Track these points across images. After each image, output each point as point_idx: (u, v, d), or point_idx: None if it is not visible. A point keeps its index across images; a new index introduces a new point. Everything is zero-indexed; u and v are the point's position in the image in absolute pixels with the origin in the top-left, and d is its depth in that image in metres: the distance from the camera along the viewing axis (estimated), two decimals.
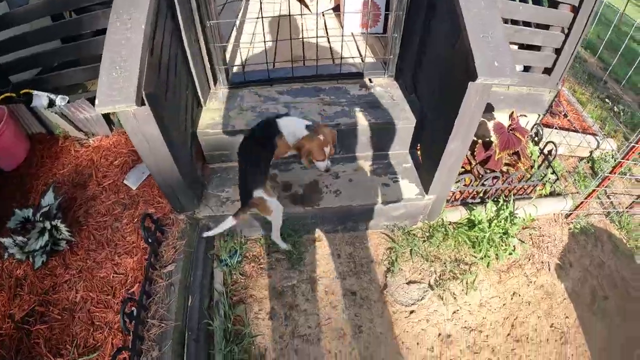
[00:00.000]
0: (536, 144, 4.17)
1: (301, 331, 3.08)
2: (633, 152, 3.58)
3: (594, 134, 4.84)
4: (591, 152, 4.68)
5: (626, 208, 4.50)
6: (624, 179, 4.90)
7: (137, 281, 2.93)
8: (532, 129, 4.26)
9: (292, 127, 2.70)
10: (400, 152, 3.66)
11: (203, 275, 3.15)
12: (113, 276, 2.96)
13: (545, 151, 3.96)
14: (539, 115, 4.26)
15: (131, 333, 2.54)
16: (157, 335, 2.68)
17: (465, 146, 2.89)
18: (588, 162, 4.72)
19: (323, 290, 3.28)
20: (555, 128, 4.50)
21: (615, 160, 3.62)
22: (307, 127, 2.69)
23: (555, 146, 3.89)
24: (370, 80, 3.86)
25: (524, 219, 3.62)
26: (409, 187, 3.39)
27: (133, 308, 2.68)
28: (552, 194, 4.03)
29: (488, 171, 3.60)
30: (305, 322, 3.13)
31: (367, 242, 3.51)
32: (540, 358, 3.38)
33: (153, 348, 2.62)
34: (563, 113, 4.80)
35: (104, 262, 3.04)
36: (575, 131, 4.73)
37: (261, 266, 3.37)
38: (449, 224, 3.64)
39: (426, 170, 3.29)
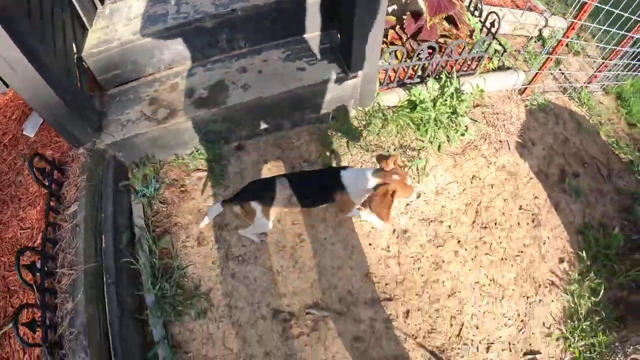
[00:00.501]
0: (480, 20, 3.68)
1: (235, 252, 2.61)
2: (586, 10, 3.14)
3: (540, 13, 4.39)
4: (540, 30, 4.23)
5: (584, 83, 4.09)
6: (574, 55, 4.51)
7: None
8: (470, 3, 3.77)
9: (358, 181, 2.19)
10: (314, 33, 3.13)
11: (115, 210, 2.64)
12: (20, 233, 2.54)
13: (488, 24, 3.47)
14: None
15: (35, 288, 2.13)
16: (69, 285, 2.25)
17: (380, 10, 2.43)
18: (538, 41, 4.28)
19: None
20: (497, 6, 4.02)
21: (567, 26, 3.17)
22: (375, 173, 2.14)
23: (498, 17, 3.40)
24: None
25: (471, 93, 3.14)
26: (328, 67, 2.86)
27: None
28: (501, 69, 3.55)
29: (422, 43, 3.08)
30: (238, 241, 2.64)
31: (297, 140, 2.98)
32: (514, 244, 2.96)
33: (67, 300, 2.21)
34: None
35: (10, 221, 2.60)
36: (520, 9, 4.27)
37: (182, 189, 2.85)
38: (387, 109, 3.12)
39: (345, 46, 2.78)
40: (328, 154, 2.90)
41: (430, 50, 3.04)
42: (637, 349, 2.83)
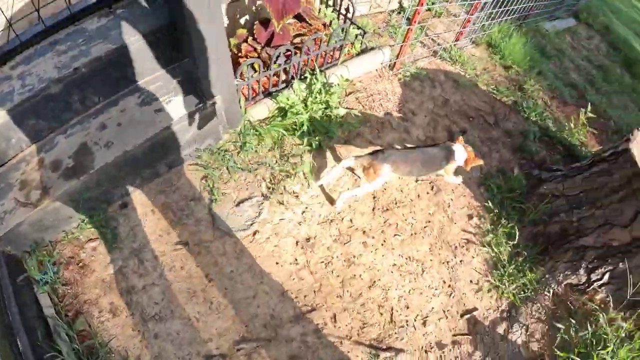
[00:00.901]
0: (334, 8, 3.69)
1: (150, 312, 2.46)
2: None
3: None
4: (400, 2, 4.31)
5: (452, 42, 4.20)
6: (438, 18, 4.63)
7: None
8: None
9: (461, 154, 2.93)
10: (166, 69, 3.02)
11: (21, 308, 2.44)
12: None
13: (343, 10, 3.48)
14: None
15: None
16: None
17: (217, 28, 2.38)
18: (399, 13, 4.36)
19: (152, 257, 2.63)
20: None
21: None
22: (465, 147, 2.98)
23: (351, 1, 3.42)
24: (109, 6, 3.13)
25: (338, 85, 3.14)
26: (185, 101, 2.77)
27: None
28: (365, 51, 3.58)
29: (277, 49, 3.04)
30: (149, 300, 2.50)
31: (178, 181, 2.86)
32: (419, 217, 2.99)
33: None
34: None
35: None
36: None
37: (81, 264, 2.67)
38: (259, 123, 3.06)
39: (196, 76, 2.70)
40: (211, 186, 2.81)
41: (289, 53, 3.00)
42: (568, 275, 2.93)
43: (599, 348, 2.57)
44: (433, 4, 4.58)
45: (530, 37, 5.11)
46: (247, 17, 3.40)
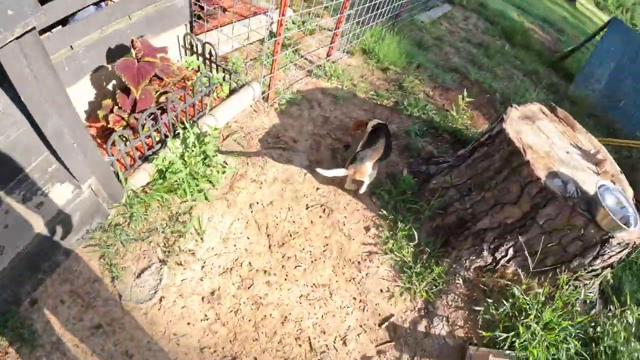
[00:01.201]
0: (198, 54, 3.73)
1: None
2: (285, 4, 3.28)
3: (264, 12, 4.56)
4: (269, 29, 4.39)
5: (326, 58, 4.34)
6: (310, 35, 4.75)
7: None
8: (185, 44, 3.81)
9: None
10: (38, 162, 2.96)
11: None
12: None
13: (207, 55, 3.54)
14: (186, 25, 3.80)
15: None
16: None
17: (68, 117, 2.39)
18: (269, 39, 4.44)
19: (72, 346, 2.58)
20: (213, 29, 4.08)
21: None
22: None
23: (213, 46, 3.49)
24: None
25: (210, 133, 3.20)
26: (63, 189, 2.74)
27: None
28: (235, 90, 3.65)
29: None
30: None
31: (78, 266, 2.82)
32: (316, 242, 3.10)
33: None
34: (219, 9, 4.35)
35: None
36: (243, 18, 4.39)
37: None
38: (143, 190, 3.08)
39: (62, 162, 2.69)
40: (109, 263, 2.81)
41: (155, 114, 3.03)
42: (473, 259, 3.12)
43: (522, 317, 2.76)
44: (304, 23, 4.71)
45: (406, 34, 5.34)
46: (114, 82, 3.39)
